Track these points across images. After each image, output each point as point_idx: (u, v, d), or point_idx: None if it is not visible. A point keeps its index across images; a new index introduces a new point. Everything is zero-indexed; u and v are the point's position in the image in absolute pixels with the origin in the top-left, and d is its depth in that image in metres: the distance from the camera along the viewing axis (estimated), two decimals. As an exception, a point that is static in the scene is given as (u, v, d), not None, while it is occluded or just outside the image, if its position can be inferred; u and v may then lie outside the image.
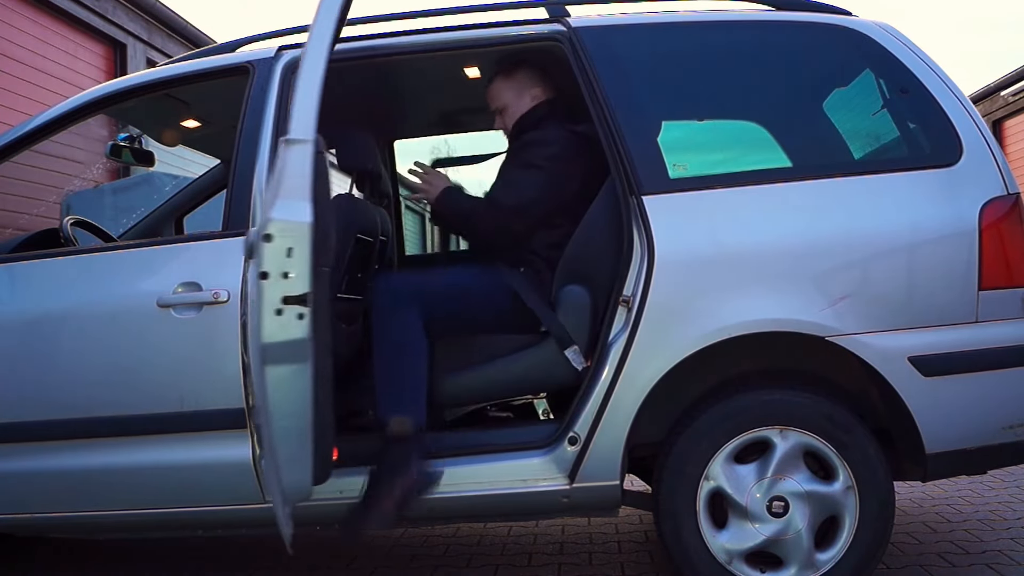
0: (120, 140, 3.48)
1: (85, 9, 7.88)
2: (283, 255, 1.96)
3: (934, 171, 2.33)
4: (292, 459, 2.02)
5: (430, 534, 3.36)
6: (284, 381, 1.98)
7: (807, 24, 2.53)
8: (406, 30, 2.67)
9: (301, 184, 2.00)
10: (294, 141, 2.03)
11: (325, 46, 2.08)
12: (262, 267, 1.96)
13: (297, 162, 2.02)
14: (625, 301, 2.31)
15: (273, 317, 1.96)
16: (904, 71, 2.40)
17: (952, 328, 2.26)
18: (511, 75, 2.71)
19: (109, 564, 3.16)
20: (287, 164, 2.01)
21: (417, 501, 2.29)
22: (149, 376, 2.40)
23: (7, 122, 6.55)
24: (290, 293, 1.96)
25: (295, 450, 2.02)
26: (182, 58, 2.85)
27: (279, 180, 2.00)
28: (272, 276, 1.96)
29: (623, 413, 2.29)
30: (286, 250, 1.96)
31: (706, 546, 2.33)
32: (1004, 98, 13.47)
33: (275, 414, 1.99)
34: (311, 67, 2.07)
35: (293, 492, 2.07)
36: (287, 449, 2.00)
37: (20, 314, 2.50)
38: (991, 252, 2.25)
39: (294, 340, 1.97)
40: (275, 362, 1.98)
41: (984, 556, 2.79)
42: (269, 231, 1.97)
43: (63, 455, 2.44)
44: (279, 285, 1.96)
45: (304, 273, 1.96)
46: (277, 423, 1.99)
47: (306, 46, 2.10)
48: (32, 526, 2.59)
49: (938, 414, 2.25)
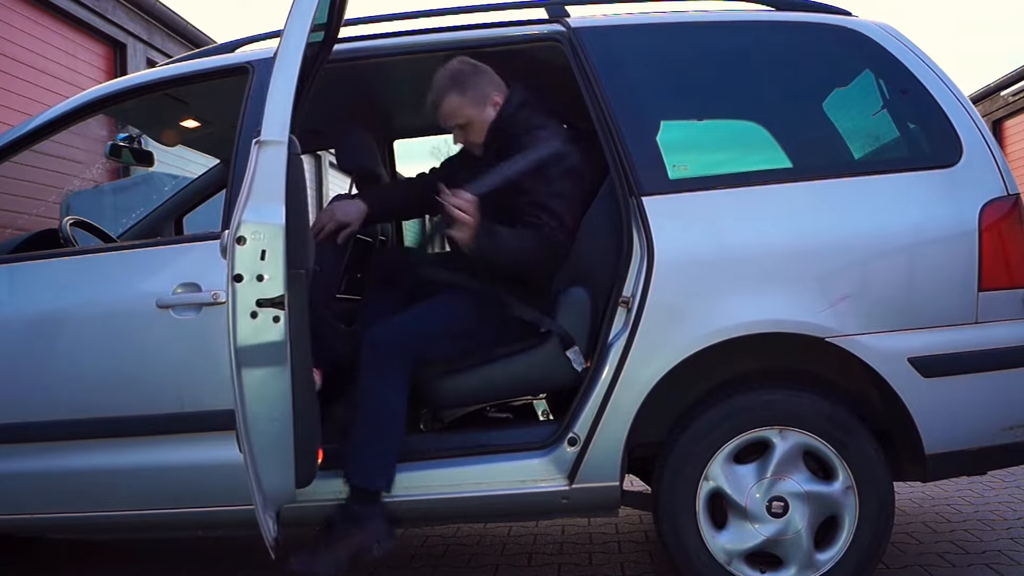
0: (120, 140, 3.48)
1: (85, 9, 7.87)
2: (256, 257, 1.95)
3: (934, 172, 2.33)
4: (272, 462, 2.01)
5: (430, 534, 3.36)
6: (261, 384, 1.98)
7: (806, 24, 2.53)
8: (406, 30, 2.67)
9: (274, 186, 1.99)
10: (267, 143, 2.01)
11: (297, 46, 2.06)
12: (235, 270, 1.95)
13: (270, 164, 2.00)
14: (625, 302, 2.31)
15: (248, 320, 1.95)
16: (904, 71, 2.40)
17: (952, 329, 2.26)
18: (464, 89, 2.53)
19: (109, 564, 3.16)
20: (259, 166, 2.00)
21: (370, 556, 2.30)
22: (148, 377, 2.39)
23: (7, 122, 6.54)
24: (264, 296, 1.95)
25: (275, 453, 2.01)
26: (182, 58, 2.85)
27: (251, 182, 1.99)
28: (246, 279, 1.95)
29: (623, 414, 2.29)
30: (259, 252, 1.95)
31: (706, 546, 2.33)
32: (1004, 98, 13.46)
33: (253, 417, 1.98)
34: (284, 67, 2.05)
35: (274, 495, 2.06)
36: (266, 452, 2.00)
37: (20, 314, 2.49)
38: (991, 253, 2.24)
39: (270, 343, 1.96)
40: (251, 365, 1.97)
41: (984, 556, 2.79)
42: (241, 233, 1.96)
43: (62, 456, 2.44)
44: (253, 288, 1.95)
45: (278, 275, 1.95)
46: (255, 426, 1.99)
47: (279, 47, 2.08)
48: (32, 527, 2.59)
49: (938, 415, 2.25)
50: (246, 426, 1.98)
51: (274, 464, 2.02)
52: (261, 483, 2.01)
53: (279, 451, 2.01)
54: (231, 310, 1.96)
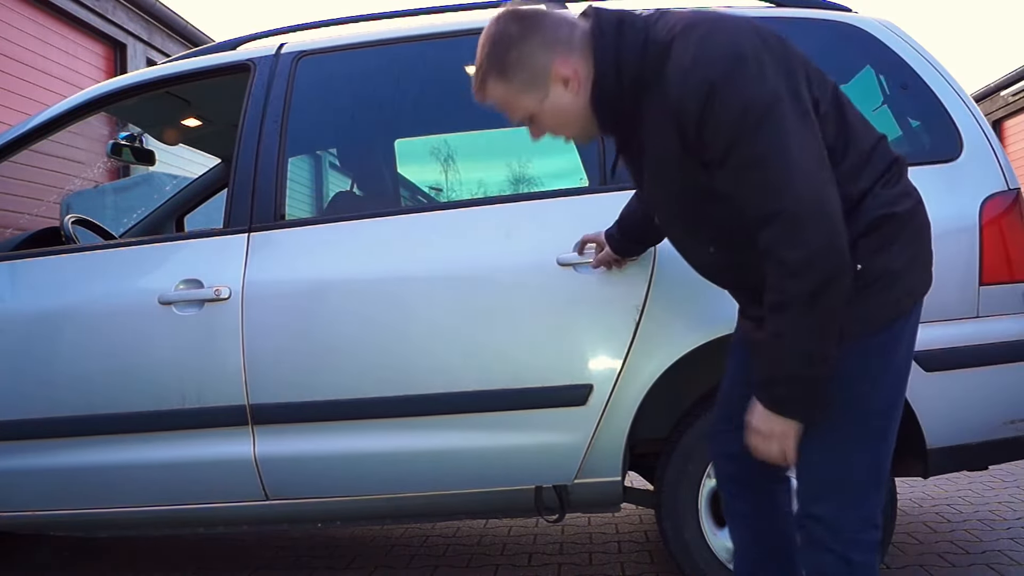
0: (121, 139, 3.49)
1: (85, 9, 7.88)
2: None
3: (934, 167, 2.33)
4: None
5: (430, 534, 3.36)
6: None
7: (807, 20, 2.53)
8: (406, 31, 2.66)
9: None
10: None
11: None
12: None
13: None
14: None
15: None
16: (904, 67, 2.40)
17: (953, 323, 2.26)
18: (505, 71, 1.50)
19: (109, 563, 3.16)
20: None
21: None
22: (150, 373, 2.39)
23: (7, 122, 6.56)
24: None
25: None
26: (182, 56, 2.84)
27: None
28: None
29: (624, 410, 2.29)
30: None
31: (707, 544, 2.33)
32: (1004, 98, 13.49)
33: None
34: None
35: None
36: None
37: (22, 312, 2.49)
38: (992, 247, 2.24)
39: None
40: None
41: (984, 556, 2.79)
42: None
43: (64, 452, 2.44)
44: None
45: None
46: None
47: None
48: (33, 524, 2.59)
49: (939, 409, 2.25)
50: None
51: None
52: None
53: None
54: None
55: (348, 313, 2.32)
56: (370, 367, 2.31)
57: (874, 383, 1.51)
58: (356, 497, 2.38)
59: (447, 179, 4.23)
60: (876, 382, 1.51)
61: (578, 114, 1.52)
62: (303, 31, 2.77)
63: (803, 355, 1.41)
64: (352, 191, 3.23)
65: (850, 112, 1.55)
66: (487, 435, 2.29)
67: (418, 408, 2.30)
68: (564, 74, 1.48)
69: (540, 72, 1.48)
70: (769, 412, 1.48)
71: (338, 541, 3.30)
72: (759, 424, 1.51)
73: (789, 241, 1.36)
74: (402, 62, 2.65)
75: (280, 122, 2.51)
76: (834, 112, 1.51)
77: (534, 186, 3.28)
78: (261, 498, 2.39)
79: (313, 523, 2.50)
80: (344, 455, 2.34)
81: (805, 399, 1.46)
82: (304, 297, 2.36)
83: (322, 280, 2.36)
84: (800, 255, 1.36)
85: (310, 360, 2.32)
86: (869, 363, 1.50)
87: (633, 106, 1.48)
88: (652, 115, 1.46)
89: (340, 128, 2.87)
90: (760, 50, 1.41)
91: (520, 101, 1.52)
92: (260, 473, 2.37)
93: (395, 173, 3.82)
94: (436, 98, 2.71)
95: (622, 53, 1.46)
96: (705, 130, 1.38)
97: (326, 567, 2.95)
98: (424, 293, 2.30)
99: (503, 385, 2.27)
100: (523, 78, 1.49)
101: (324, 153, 12.68)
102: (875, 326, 1.49)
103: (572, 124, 1.55)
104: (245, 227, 2.43)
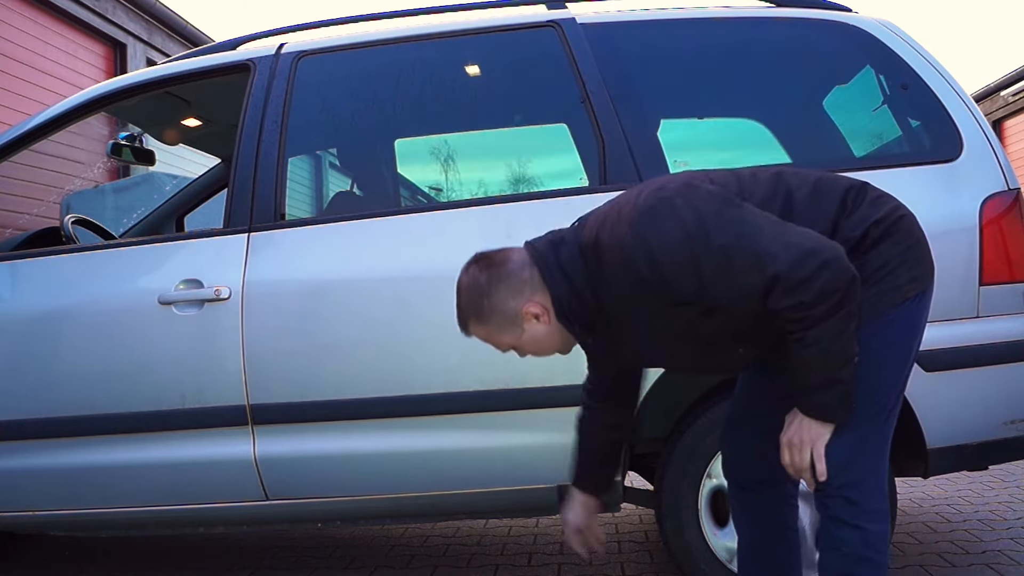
0: (121, 139, 3.49)
1: (85, 9, 7.88)
2: None
3: (934, 167, 2.33)
4: None
5: (430, 534, 3.36)
6: None
7: (807, 21, 2.53)
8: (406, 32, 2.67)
9: None
10: None
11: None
12: None
13: None
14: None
15: None
16: (904, 67, 2.40)
17: (953, 323, 2.25)
18: (481, 315, 1.66)
19: (109, 563, 3.16)
20: None
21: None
22: (150, 373, 2.39)
23: (7, 122, 6.55)
24: None
25: None
26: (182, 56, 2.84)
27: None
28: None
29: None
30: None
31: (707, 544, 2.33)
32: (1004, 98, 13.48)
33: None
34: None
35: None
36: None
37: (22, 312, 2.49)
38: (992, 247, 2.24)
39: None
40: None
41: (984, 556, 2.79)
42: None
43: (64, 452, 2.44)
44: None
45: None
46: None
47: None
48: (34, 524, 2.59)
49: (939, 409, 2.25)
50: None
51: None
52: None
53: None
54: None
55: (348, 313, 2.33)
56: (370, 367, 2.31)
57: (884, 364, 1.60)
58: (356, 497, 2.38)
59: (447, 179, 4.23)
60: (884, 363, 1.59)
61: (554, 336, 1.68)
62: (303, 31, 2.77)
63: (839, 356, 1.52)
64: (352, 191, 3.23)
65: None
66: (487, 435, 2.30)
67: (418, 408, 2.30)
68: (534, 312, 1.64)
69: (512, 316, 1.65)
70: (807, 419, 1.58)
71: (338, 541, 3.30)
72: (792, 435, 1.60)
73: (799, 291, 1.46)
74: (402, 62, 2.65)
75: (280, 122, 2.51)
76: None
77: (534, 186, 3.28)
78: (261, 498, 2.40)
79: (313, 523, 2.50)
80: (344, 455, 2.34)
81: (844, 399, 1.55)
82: (304, 297, 2.36)
83: (322, 280, 2.36)
84: (814, 291, 1.45)
85: (310, 360, 2.33)
86: (879, 346, 1.58)
87: (595, 301, 1.62)
88: (617, 297, 1.60)
89: (340, 128, 2.87)
90: (673, 196, 1.54)
91: (501, 338, 1.69)
92: (260, 473, 2.37)
93: (395, 173, 3.81)
94: (436, 98, 2.70)
95: (565, 268, 1.62)
96: (669, 278, 1.51)
97: (326, 567, 2.95)
98: (424, 293, 2.30)
99: (503, 385, 2.27)
100: (499, 321, 1.65)
101: (324, 153, 12.70)
102: (881, 311, 1.58)
103: (552, 345, 1.71)
104: (245, 227, 2.43)
